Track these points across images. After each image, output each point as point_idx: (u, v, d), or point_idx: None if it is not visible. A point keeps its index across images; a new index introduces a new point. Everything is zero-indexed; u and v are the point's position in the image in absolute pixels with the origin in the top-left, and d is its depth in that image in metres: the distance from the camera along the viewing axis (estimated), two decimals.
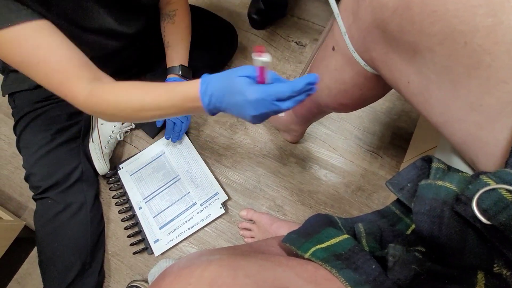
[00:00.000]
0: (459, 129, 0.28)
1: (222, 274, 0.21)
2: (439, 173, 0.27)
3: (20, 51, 0.39)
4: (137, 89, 0.41)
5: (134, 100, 0.40)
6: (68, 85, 0.41)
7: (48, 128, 0.65)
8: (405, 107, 0.80)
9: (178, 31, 0.63)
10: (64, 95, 0.42)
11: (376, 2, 0.30)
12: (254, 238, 0.68)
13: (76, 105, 0.43)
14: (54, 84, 0.41)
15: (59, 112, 0.67)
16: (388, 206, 0.35)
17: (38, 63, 0.39)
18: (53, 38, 0.40)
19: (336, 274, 0.23)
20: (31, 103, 0.64)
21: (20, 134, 0.65)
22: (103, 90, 0.42)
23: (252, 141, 0.79)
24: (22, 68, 0.40)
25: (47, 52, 0.39)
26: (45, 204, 0.64)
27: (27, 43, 0.38)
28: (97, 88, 0.42)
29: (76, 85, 0.41)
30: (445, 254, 0.22)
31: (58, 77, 0.41)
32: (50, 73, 0.40)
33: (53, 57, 0.40)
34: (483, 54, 0.23)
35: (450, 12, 0.24)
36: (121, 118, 0.43)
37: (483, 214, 0.19)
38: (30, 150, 0.64)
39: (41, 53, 0.39)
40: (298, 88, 0.32)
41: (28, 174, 0.64)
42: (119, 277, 0.70)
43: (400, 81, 0.32)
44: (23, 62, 0.39)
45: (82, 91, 0.41)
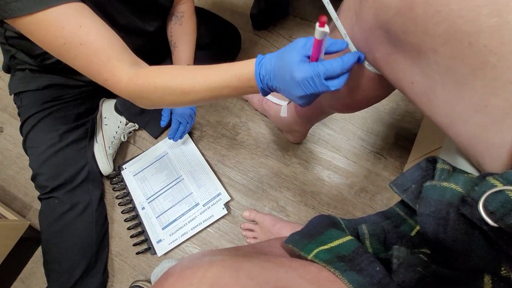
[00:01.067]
0: (464, 130, 0.27)
1: (225, 275, 0.21)
2: (444, 174, 0.27)
3: (63, 32, 0.37)
4: (186, 71, 0.40)
5: (184, 82, 0.38)
6: (110, 68, 0.40)
7: (56, 128, 0.66)
8: (409, 108, 0.79)
9: (185, 32, 0.65)
10: (104, 79, 0.41)
11: (379, 3, 0.29)
12: (256, 239, 0.68)
13: (117, 89, 0.41)
14: (94, 67, 0.40)
15: (67, 112, 0.68)
16: (392, 207, 0.35)
17: (81, 44, 0.38)
18: (94, 19, 0.40)
19: (339, 276, 0.23)
20: (39, 103, 0.65)
21: (27, 134, 0.65)
22: (149, 73, 0.40)
23: (254, 141, 0.79)
24: (64, 52, 0.39)
25: (90, 33, 0.38)
26: (51, 203, 0.65)
27: (70, 24, 0.37)
28: (142, 70, 0.41)
29: (118, 67, 0.40)
30: (450, 256, 0.22)
31: (99, 59, 0.39)
32: (92, 54, 0.39)
33: (96, 38, 0.39)
34: (489, 54, 0.22)
35: (454, 12, 0.24)
36: (167, 102, 0.41)
37: (490, 216, 0.19)
38: (38, 150, 0.65)
39: (83, 33, 0.38)
40: (349, 64, 0.32)
41: (35, 174, 0.65)
42: (122, 277, 0.70)
43: (404, 82, 0.32)
44: (66, 44, 0.38)
45: (125, 74, 0.40)
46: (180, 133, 0.70)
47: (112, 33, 0.42)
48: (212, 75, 0.38)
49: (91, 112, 0.75)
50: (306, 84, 0.32)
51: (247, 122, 0.81)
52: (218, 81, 0.37)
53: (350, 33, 0.37)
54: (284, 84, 0.34)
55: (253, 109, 0.82)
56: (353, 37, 0.36)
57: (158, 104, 0.42)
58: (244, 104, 0.83)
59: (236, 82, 0.37)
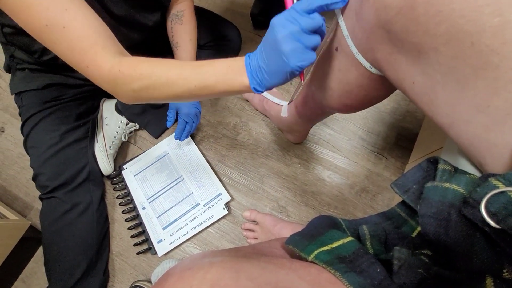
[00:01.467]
0: (465, 130, 0.27)
1: (224, 276, 0.21)
2: (446, 175, 0.27)
3: (47, 13, 0.36)
4: (175, 61, 0.38)
5: (172, 69, 0.37)
6: (92, 54, 0.38)
7: (57, 128, 0.66)
8: (410, 108, 0.79)
9: (187, 31, 0.64)
10: (85, 65, 0.39)
11: (380, 3, 0.29)
12: (257, 239, 0.68)
13: (98, 77, 0.39)
14: (76, 53, 0.38)
15: (68, 112, 0.68)
16: (393, 208, 0.35)
17: (64, 27, 0.37)
18: (82, 5, 0.39)
19: (340, 278, 0.23)
20: (40, 103, 0.65)
21: (28, 133, 0.65)
22: (135, 60, 0.39)
23: (255, 141, 0.79)
24: (45, 34, 0.37)
25: (75, 17, 0.37)
26: (52, 203, 0.65)
27: (56, 5, 0.36)
28: (127, 58, 0.39)
29: (101, 54, 0.38)
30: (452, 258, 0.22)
31: (82, 45, 0.37)
32: (75, 39, 0.37)
33: (80, 23, 0.37)
34: (491, 54, 0.22)
35: (456, 12, 0.23)
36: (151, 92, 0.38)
37: (492, 218, 0.19)
38: (39, 150, 0.65)
39: (68, 17, 0.37)
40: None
41: (36, 173, 0.65)
42: (122, 277, 0.70)
43: (405, 82, 0.32)
44: (48, 26, 0.36)
45: (108, 62, 0.38)
46: (187, 132, 0.70)
47: (99, 22, 0.40)
48: (201, 65, 0.37)
49: (91, 112, 0.75)
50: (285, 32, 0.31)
51: (248, 122, 0.81)
52: (206, 69, 0.36)
53: (350, 33, 0.37)
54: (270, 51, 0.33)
55: (253, 109, 0.82)
56: (354, 37, 0.36)
57: (141, 94, 0.39)
58: (244, 104, 0.83)
59: (226, 69, 0.35)
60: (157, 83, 0.37)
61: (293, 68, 0.33)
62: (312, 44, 0.32)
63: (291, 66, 0.32)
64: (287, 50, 0.32)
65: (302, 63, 0.32)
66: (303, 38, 0.32)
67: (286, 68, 0.33)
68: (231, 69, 0.35)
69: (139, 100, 0.41)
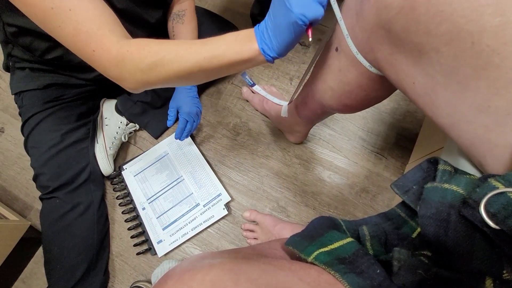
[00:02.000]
0: (466, 131, 0.27)
1: (224, 278, 0.21)
2: (446, 176, 0.27)
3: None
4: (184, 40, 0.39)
5: (181, 45, 0.36)
6: (99, 37, 0.37)
7: (58, 128, 0.66)
8: (410, 108, 0.79)
9: (188, 31, 0.65)
10: (91, 49, 0.37)
11: (381, 3, 0.29)
12: (257, 239, 0.68)
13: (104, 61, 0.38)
14: (82, 36, 0.37)
15: (68, 112, 0.68)
16: (393, 209, 0.34)
17: (70, 10, 0.35)
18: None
19: (339, 279, 0.23)
20: (41, 103, 0.65)
21: (29, 134, 0.65)
22: (144, 40, 0.38)
23: (255, 142, 0.79)
24: (50, 18, 0.36)
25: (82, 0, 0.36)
26: (53, 203, 0.65)
27: None
28: (136, 39, 0.38)
29: (108, 36, 0.37)
30: (451, 259, 0.22)
31: (89, 27, 0.36)
32: (81, 22, 0.36)
33: (87, 4, 0.36)
34: (492, 54, 0.22)
35: (457, 12, 0.23)
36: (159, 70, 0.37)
37: (491, 219, 0.19)
38: (40, 150, 0.65)
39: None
40: None
41: (37, 174, 0.65)
42: (122, 278, 0.70)
43: (406, 82, 0.31)
44: (54, 8, 0.35)
45: (116, 43, 0.37)
46: (187, 132, 0.69)
47: (105, 5, 0.39)
48: (211, 38, 0.36)
49: (92, 112, 0.75)
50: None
51: (248, 122, 0.81)
52: (216, 40, 0.35)
53: (351, 33, 0.36)
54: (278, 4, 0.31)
55: (253, 110, 0.82)
56: (354, 37, 0.36)
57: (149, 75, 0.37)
58: (244, 104, 0.83)
59: (235, 37, 0.35)
60: (165, 59, 0.36)
61: (297, 17, 0.30)
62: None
63: (294, 13, 0.30)
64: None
65: (306, 12, 0.30)
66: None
67: (290, 18, 0.31)
68: (240, 36, 0.35)
69: (147, 83, 0.39)
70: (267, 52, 0.34)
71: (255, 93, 0.78)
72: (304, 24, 0.31)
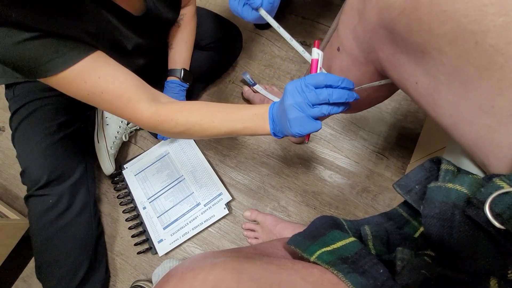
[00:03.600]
0: (469, 131, 0.27)
1: (227, 277, 0.21)
2: (449, 175, 0.27)
3: (86, 85, 0.41)
4: (207, 108, 0.44)
5: (204, 118, 0.42)
6: (131, 107, 0.44)
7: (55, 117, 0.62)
8: (411, 108, 0.79)
9: (183, 34, 0.65)
10: (129, 118, 0.45)
11: (383, 2, 0.29)
12: (258, 239, 0.68)
13: (141, 125, 0.46)
14: (118, 109, 0.44)
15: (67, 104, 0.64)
16: (395, 208, 0.34)
17: (102, 93, 0.42)
18: (109, 66, 0.43)
19: (342, 278, 0.23)
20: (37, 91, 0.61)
21: (19, 122, 0.60)
22: (171, 109, 0.44)
23: (256, 141, 0.79)
24: (89, 100, 0.43)
25: (108, 81, 0.42)
26: (45, 203, 0.60)
27: (90, 77, 0.41)
28: (164, 107, 0.45)
29: (137, 106, 0.44)
30: (455, 259, 0.22)
31: (121, 102, 0.43)
32: (113, 99, 0.43)
33: (114, 84, 0.43)
34: (495, 54, 0.22)
35: (460, 11, 0.23)
36: (187, 135, 0.45)
37: (496, 219, 0.19)
38: (33, 140, 0.60)
39: (102, 83, 0.42)
40: (332, 77, 0.34)
41: (27, 166, 0.60)
42: (123, 277, 0.70)
43: (408, 82, 0.31)
44: (89, 94, 0.42)
45: (145, 111, 0.44)
46: None
47: (127, 74, 0.45)
48: (229, 113, 0.42)
49: (90, 107, 0.73)
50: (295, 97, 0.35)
51: None
52: (235, 117, 0.41)
53: (352, 33, 0.36)
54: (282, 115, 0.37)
55: None
56: (356, 37, 0.36)
57: (178, 136, 0.46)
58: (245, 104, 0.83)
59: (251, 117, 0.40)
60: (191, 130, 0.43)
61: (294, 134, 0.36)
62: (315, 115, 0.35)
63: (292, 132, 0.36)
64: (290, 117, 0.36)
65: (303, 132, 0.36)
66: (306, 109, 0.35)
67: (290, 131, 0.37)
68: (256, 117, 0.40)
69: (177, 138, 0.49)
70: (277, 134, 0.40)
71: (256, 92, 0.78)
72: (301, 136, 0.37)
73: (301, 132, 0.36)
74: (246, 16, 0.45)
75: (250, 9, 0.44)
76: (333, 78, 0.34)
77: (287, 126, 0.36)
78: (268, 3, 0.42)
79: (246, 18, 0.45)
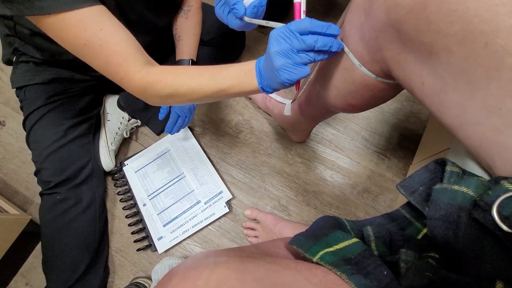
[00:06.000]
0: (475, 132, 0.27)
1: (230, 277, 0.20)
2: (454, 177, 0.26)
3: (85, 34, 0.39)
4: (194, 69, 0.42)
5: (192, 78, 0.41)
6: (125, 67, 0.42)
7: (61, 122, 0.66)
8: (414, 108, 0.78)
9: (191, 26, 0.64)
10: (120, 77, 0.43)
11: (391, 1, 0.29)
12: (258, 238, 0.68)
13: (130, 87, 0.44)
14: (112, 66, 0.42)
15: (72, 107, 0.68)
16: (398, 210, 0.34)
17: (101, 45, 0.40)
18: (113, 22, 0.42)
19: (346, 280, 0.22)
20: (44, 97, 0.64)
21: (31, 128, 0.65)
22: (160, 71, 0.43)
23: (257, 140, 0.78)
24: (84, 52, 0.41)
25: (109, 35, 0.41)
26: (54, 199, 0.64)
27: (92, 26, 0.39)
28: (153, 69, 0.44)
29: (133, 67, 0.43)
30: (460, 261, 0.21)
31: (117, 59, 0.42)
32: (111, 55, 0.41)
33: (114, 39, 0.41)
34: (505, 55, 0.22)
35: (470, 11, 0.23)
36: (176, 99, 0.43)
37: (504, 222, 0.19)
38: (42, 144, 0.64)
39: (104, 35, 0.40)
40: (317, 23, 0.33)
41: (39, 168, 0.64)
42: (122, 273, 0.70)
43: (414, 82, 0.31)
44: (86, 45, 0.40)
45: (138, 73, 0.43)
46: (178, 126, 0.68)
47: (128, 34, 0.44)
48: (217, 72, 0.41)
49: (95, 107, 0.74)
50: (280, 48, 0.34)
51: (250, 120, 0.80)
52: (222, 75, 0.40)
53: (358, 32, 0.36)
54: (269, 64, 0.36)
55: (256, 107, 0.81)
56: (362, 36, 0.35)
57: (166, 100, 0.45)
58: (247, 102, 0.82)
59: (238, 73, 0.39)
60: (179, 91, 0.42)
61: (283, 82, 0.35)
62: (302, 62, 0.34)
63: (281, 79, 0.35)
64: (277, 65, 0.34)
65: (291, 78, 0.35)
66: (292, 56, 0.34)
67: (278, 80, 0.36)
68: (243, 73, 0.39)
69: (165, 104, 0.47)
70: (265, 89, 0.39)
71: None
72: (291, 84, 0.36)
73: (290, 78, 0.35)
74: (231, 24, 0.44)
75: (234, 17, 0.43)
76: (318, 24, 0.33)
77: (275, 75, 0.35)
78: (251, 13, 0.41)
79: (232, 26, 0.44)
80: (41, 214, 0.65)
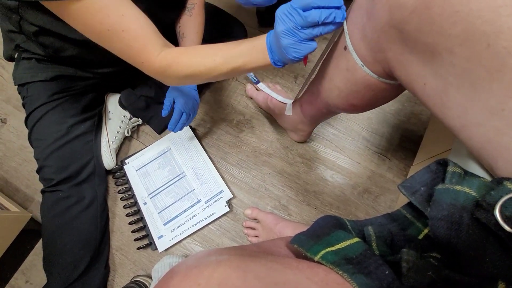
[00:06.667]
0: (477, 133, 0.27)
1: (232, 275, 0.20)
2: (455, 178, 0.27)
3: (109, 20, 0.41)
4: (208, 48, 0.44)
5: (207, 59, 0.43)
6: (146, 52, 0.44)
7: (64, 120, 0.66)
8: (415, 109, 0.78)
9: (194, 24, 0.64)
10: (141, 61, 0.45)
11: (394, 1, 0.29)
12: (258, 237, 0.68)
13: (151, 70, 0.46)
14: (133, 51, 0.44)
15: (74, 105, 0.68)
16: (399, 210, 0.34)
17: (123, 31, 0.42)
18: (133, 8, 0.44)
19: (348, 279, 0.22)
20: (47, 94, 0.64)
21: (33, 125, 0.64)
22: (176, 52, 0.45)
23: (258, 139, 0.78)
24: (105, 37, 0.42)
25: (130, 21, 0.42)
26: (56, 197, 0.64)
27: (114, 12, 0.41)
28: (171, 51, 0.45)
29: (152, 51, 0.44)
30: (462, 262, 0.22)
31: (138, 44, 0.43)
32: (132, 40, 0.43)
33: (135, 24, 0.43)
34: (508, 56, 0.22)
35: (473, 12, 0.23)
36: (194, 79, 0.45)
37: (506, 222, 0.19)
38: (45, 142, 0.64)
39: (126, 21, 0.42)
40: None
41: (41, 166, 0.64)
42: (122, 272, 0.70)
43: (416, 83, 0.31)
44: (109, 30, 0.41)
45: (157, 56, 0.44)
46: (181, 124, 0.68)
47: (146, 19, 0.45)
48: (230, 48, 0.43)
49: (97, 105, 0.74)
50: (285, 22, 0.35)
51: (251, 120, 0.80)
52: (235, 53, 0.42)
53: (361, 32, 0.36)
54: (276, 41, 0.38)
55: (257, 107, 0.81)
56: (364, 36, 0.36)
57: (185, 81, 0.47)
58: (248, 102, 0.82)
59: (250, 50, 0.41)
60: (196, 71, 0.44)
61: (291, 59, 0.37)
62: (308, 37, 0.35)
63: (288, 57, 0.37)
64: (284, 43, 0.36)
65: (298, 55, 0.37)
66: (297, 33, 0.35)
67: (286, 57, 0.37)
68: (255, 49, 0.41)
69: (182, 84, 0.51)
70: (277, 63, 0.40)
71: (259, 90, 0.78)
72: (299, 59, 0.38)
73: (298, 55, 0.36)
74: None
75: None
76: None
77: (283, 53, 0.37)
78: None
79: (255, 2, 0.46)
80: (42, 212, 0.65)
